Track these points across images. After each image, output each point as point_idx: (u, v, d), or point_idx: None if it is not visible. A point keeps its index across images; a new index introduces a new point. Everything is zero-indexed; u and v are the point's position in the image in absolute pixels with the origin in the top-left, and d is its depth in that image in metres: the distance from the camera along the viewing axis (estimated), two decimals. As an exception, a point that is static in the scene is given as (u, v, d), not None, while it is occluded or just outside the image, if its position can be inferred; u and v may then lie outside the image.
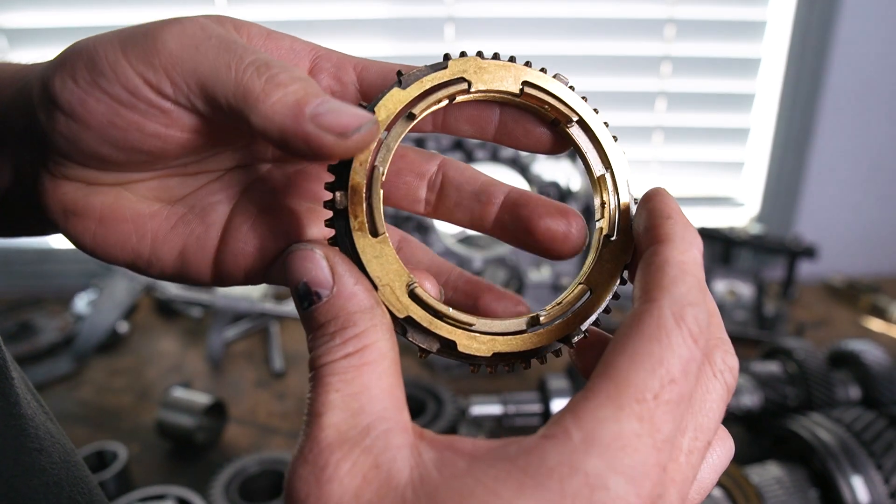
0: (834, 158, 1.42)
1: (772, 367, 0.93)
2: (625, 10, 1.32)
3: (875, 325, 1.29)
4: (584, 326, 0.33)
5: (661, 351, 0.25)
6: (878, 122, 1.40)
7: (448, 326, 0.31)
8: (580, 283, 0.34)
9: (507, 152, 1.05)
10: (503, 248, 1.09)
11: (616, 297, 0.34)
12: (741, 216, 1.50)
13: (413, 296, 0.31)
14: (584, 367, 0.33)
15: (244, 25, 0.33)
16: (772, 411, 0.90)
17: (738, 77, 1.40)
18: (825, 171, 1.43)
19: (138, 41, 0.29)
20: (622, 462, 0.23)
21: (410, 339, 0.31)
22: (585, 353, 0.33)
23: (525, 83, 0.33)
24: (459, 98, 0.33)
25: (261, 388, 1.10)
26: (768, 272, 1.46)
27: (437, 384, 0.99)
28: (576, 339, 0.33)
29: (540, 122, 0.34)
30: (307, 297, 0.28)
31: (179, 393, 0.98)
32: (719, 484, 0.74)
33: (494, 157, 1.05)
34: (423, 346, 0.31)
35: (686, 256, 0.28)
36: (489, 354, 0.31)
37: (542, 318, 0.32)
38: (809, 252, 1.34)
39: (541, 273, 1.10)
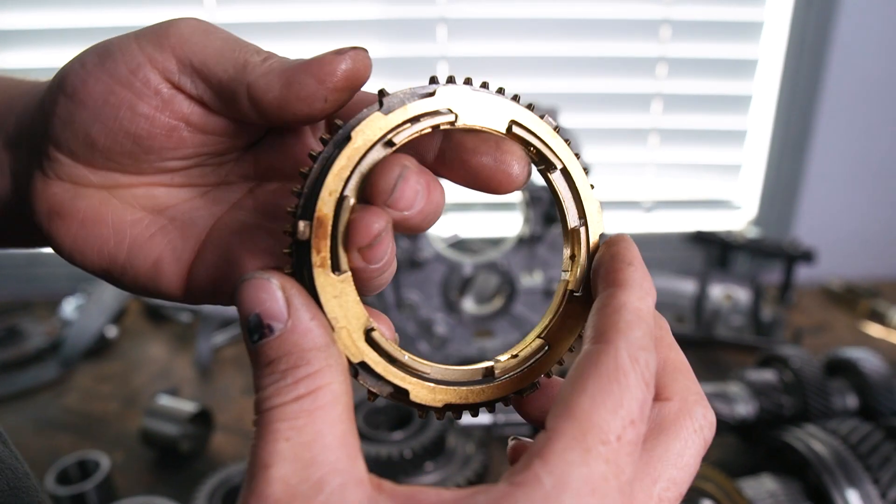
0: (832, 161, 1.41)
1: (767, 376, 0.91)
2: (620, 11, 1.31)
3: (874, 330, 1.28)
4: (537, 380, 0.33)
5: (620, 392, 0.25)
6: (877, 124, 1.39)
7: (402, 374, 0.30)
8: (538, 337, 0.33)
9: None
10: (494, 254, 1.08)
11: (570, 349, 0.33)
12: (738, 219, 1.49)
13: (370, 340, 0.29)
14: (530, 410, 0.33)
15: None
16: (767, 420, 0.88)
17: (735, 79, 1.38)
18: (823, 173, 1.42)
19: (152, 30, 0.31)
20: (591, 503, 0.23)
21: (362, 382, 0.30)
22: (532, 398, 0.33)
23: (512, 122, 0.31)
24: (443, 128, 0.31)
25: (249, 394, 1.09)
26: (766, 276, 1.45)
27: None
28: (527, 393, 0.33)
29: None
30: (258, 330, 0.26)
31: (165, 400, 0.96)
32: (713, 498, 0.73)
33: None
34: (374, 391, 0.30)
35: (642, 304, 0.28)
36: (440, 406, 0.31)
37: (496, 372, 0.32)
38: (807, 256, 1.32)
39: (533, 279, 1.09)
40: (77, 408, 1.07)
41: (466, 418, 0.87)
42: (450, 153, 0.31)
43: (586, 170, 0.33)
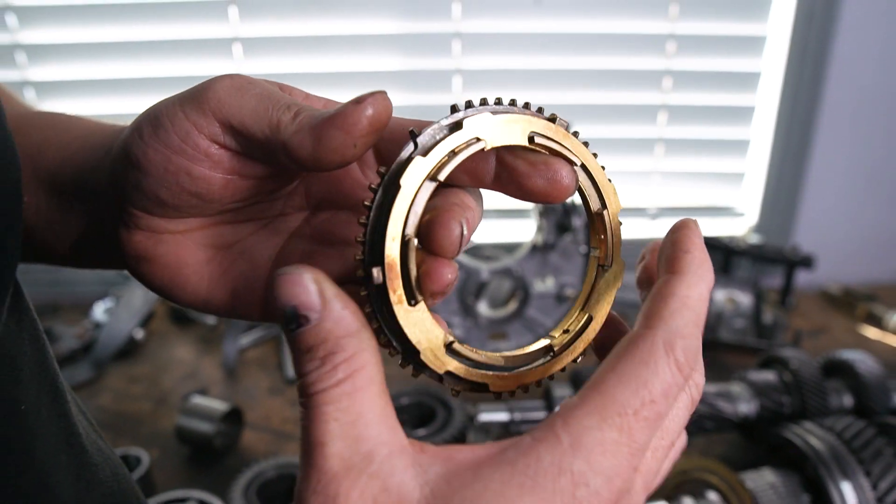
0: (831, 170, 1.46)
1: (768, 377, 0.96)
2: (627, 26, 1.36)
3: (871, 332, 1.33)
4: (587, 348, 0.37)
5: (647, 374, 0.28)
6: (875, 134, 1.44)
7: (480, 371, 0.34)
8: (581, 311, 0.38)
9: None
10: (508, 260, 1.13)
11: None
12: (741, 226, 1.54)
13: (451, 351, 0.33)
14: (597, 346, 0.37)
15: (286, 87, 0.37)
16: (767, 419, 0.93)
17: (738, 91, 1.43)
18: (823, 182, 1.47)
19: (193, 96, 0.35)
20: (602, 465, 0.26)
21: (447, 384, 0.34)
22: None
23: (532, 133, 0.34)
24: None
25: (274, 394, 1.14)
26: (767, 281, 1.49)
27: (446, 392, 1.03)
28: (580, 359, 0.37)
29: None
30: (294, 321, 0.28)
31: (198, 400, 1.01)
32: (718, 489, 0.78)
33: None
34: (458, 389, 0.34)
35: (692, 291, 0.31)
36: (514, 388, 0.35)
37: (555, 349, 0.36)
38: (807, 261, 1.37)
39: (545, 284, 1.14)
40: (111, 407, 1.12)
41: (486, 416, 0.92)
42: (505, 177, 0.35)
43: (603, 167, 0.38)
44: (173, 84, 1.38)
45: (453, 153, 0.32)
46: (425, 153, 0.31)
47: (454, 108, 0.33)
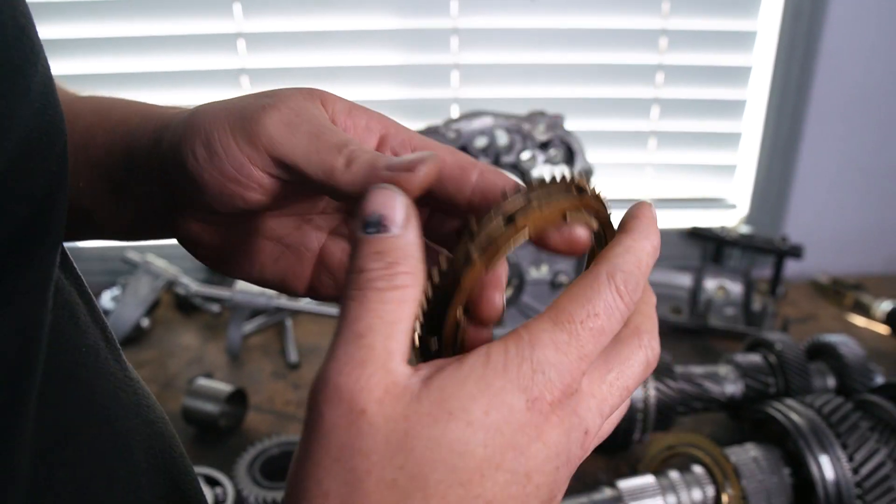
0: (820, 162, 1.49)
1: (754, 359, 1.00)
2: (621, 22, 1.39)
3: (858, 321, 1.36)
4: None
5: (590, 293, 0.33)
6: (863, 128, 1.47)
7: None
8: None
9: (508, 158, 1.13)
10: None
11: None
12: (732, 217, 1.57)
13: None
14: None
15: (329, 101, 0.40)
16: (753, 399, 0.97)
17: (729, 85, 1.47)
18: (812, 174, 1.50)
19: (245, 126, 0.37)
20: (554, 358, 0.31)
21: None
22: None
23: (566, 212, 0.35)
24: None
25: (277, 378, 1.18)
26: (757, 271, 1.52)
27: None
28: None
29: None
30: (376, 225, 0.31)
31: (203, 382, 1.05)
32: (702, 463, 0.81)
33: (496, 163, 1.13)
34: None
35: (636, 244, 0.35)
36: None
37: None
38: (796, 252, 1.40)
39: (540, 271, 1.17)
40: (119, 390, 1.15)
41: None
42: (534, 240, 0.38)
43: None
44: (177, 79, 1.42)
45: (506, 245, 0.34)
46: (483, 251, 0.33)
47: (504, 195, 0.34)
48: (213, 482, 0.89)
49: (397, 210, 0.32)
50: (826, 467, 0.76)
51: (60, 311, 0.35)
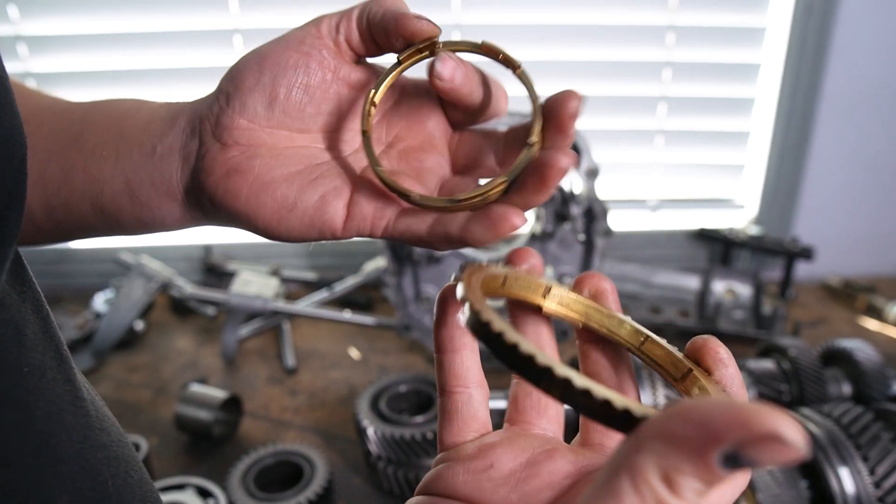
0: (831, 162, 1.46)
1: (767, 365, 0.97)
2: (627, 18, 1.36)
3: (871, 324, 1.33)
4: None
5: None
6: (874, 126, 1.43)
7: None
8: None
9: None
10: (507, 249, 1.13)
11: None
12: (740, 218, 1.54)
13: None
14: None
15: None
16: (766, 407, 0.93)
17: (737, 82, 1.43)
18: (822, 174, 1.47)
19: (332, 17, 0.45)
20: None
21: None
22: None
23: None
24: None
25: (273, 383, 1.14)
26: (767, 273, 1.49)
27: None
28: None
29: None
30: (733, 464, 0.21)
31: (197, 388, 1.02)
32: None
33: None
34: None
35: None
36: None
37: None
38: (807, 253, 1.37)
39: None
40: (111, 396, 1.12)
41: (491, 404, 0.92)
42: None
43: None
44: (175, 75, 1.39)
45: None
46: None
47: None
48: (205, 493, 0.86)
49: (786, 454, 0.20)
50: (846, 481, 0.73)
51: (3, 329, 0.33)
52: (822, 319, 1.34)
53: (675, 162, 1.49)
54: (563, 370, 0.25)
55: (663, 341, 0.36)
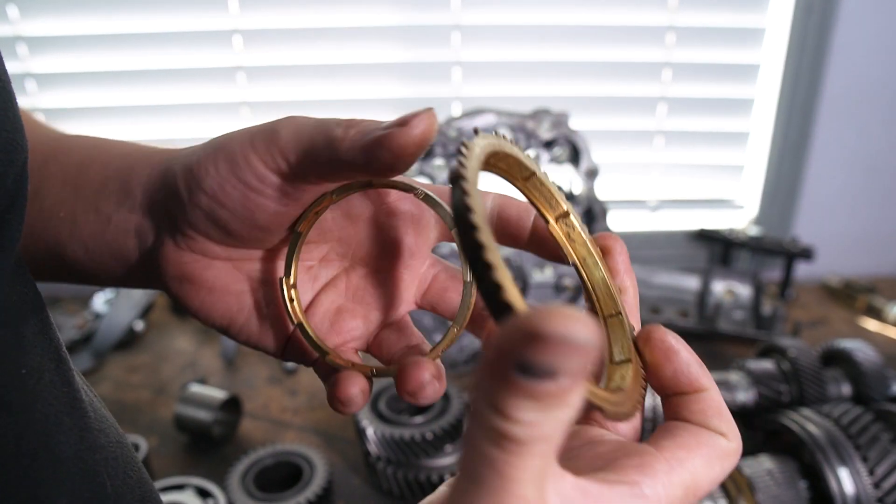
0: (831, 162, 1.46)
1: (766, 365, 0.97)
2: (627, 18, 1.36)
3: (871, 324, 1.33)
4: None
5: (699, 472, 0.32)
6: (874, 127, 1.43)
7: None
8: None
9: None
10: (506, 251, 1.13)
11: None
12: (740, 218, 1.54)
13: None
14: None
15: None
16: (765, 407, 0.93)
17: (737, 83, 1.43)
18: (822, 174, 1.46)
19: (263, 137, 0.37)
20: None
21: None
22: None
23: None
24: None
25: (273, 384, 1.14)
26: (766, 273, 1.49)
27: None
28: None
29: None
30: (538, 375, 0.21)
31: (196, 388, 1.02)
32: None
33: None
34: None
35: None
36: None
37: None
38: (807, 253, 1.37)
39: (543, 274, 1.14)
40: (111, 396, 1.12)
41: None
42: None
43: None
44: (174, 76, 1.39)
45: None
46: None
47: None
48: (204, 493, 0.86)
49: (578, 362, 0.21)
50: (845, 481, 0.73)
51: (1, 330, 0.33)
52: (822, 320, 1.34)
53: (675, 162, 1.49)
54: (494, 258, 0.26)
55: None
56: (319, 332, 0.42)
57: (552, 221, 0.38)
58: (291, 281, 0.40)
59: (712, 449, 0.32)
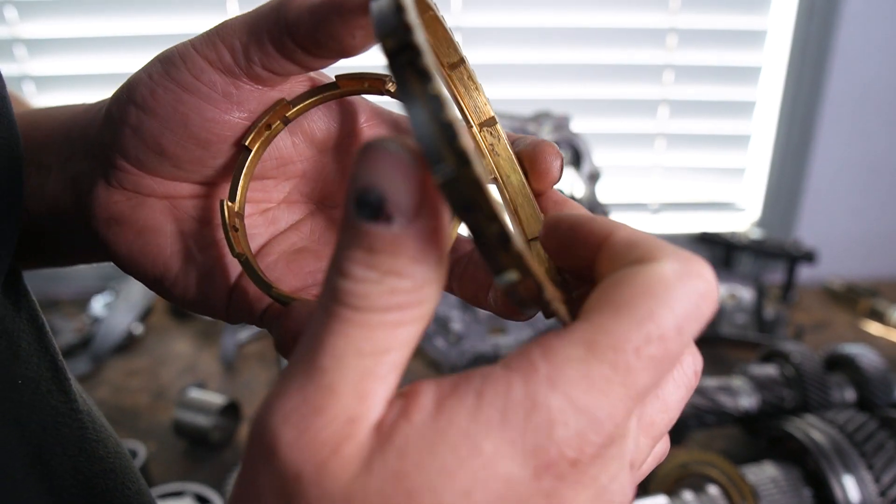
0: (833, 164, 1.45)
1: (769, 370, 0.96)
2: (628, 20, 1.35)
3: (873, 328, 1.32)
4: None
5: (654, 305, 0.21)
6: (877, 129, 1.43)
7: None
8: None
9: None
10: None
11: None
12: (742, 221, 1.53)
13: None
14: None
15: None
16: (769, 413, 0.92)
17: (739, 85, 1.43)
18: (825, 176, 1.46)
19: (206, 34, 0.32)
20: (587, 403, 0.21)
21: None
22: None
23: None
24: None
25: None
26: (768, 276, 1.49)
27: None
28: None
29: None
30: (371, 207, 0.20)
31: (195, 393, 1.01)
32: (718, 483, 0.77)
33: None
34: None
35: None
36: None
37: None
38: (809, 256, 1.36)
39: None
40: (109, 400, 1.11)
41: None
42: None
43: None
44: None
45: None
46: None
47: None
48: (202, 500, 0.85)
49: (405, 186, 0.20)
50: (850, 489, 0.72)
51: None
52: (825, 323, 1.34)
53: (677, 165, 1.49)
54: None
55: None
56: (271, 275, 0.35)
57: (475, 127, 0.33)
58: (236, 207, 0.33)
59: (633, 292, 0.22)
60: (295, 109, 0.33)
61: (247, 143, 0.33)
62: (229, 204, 0.33)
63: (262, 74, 0.31)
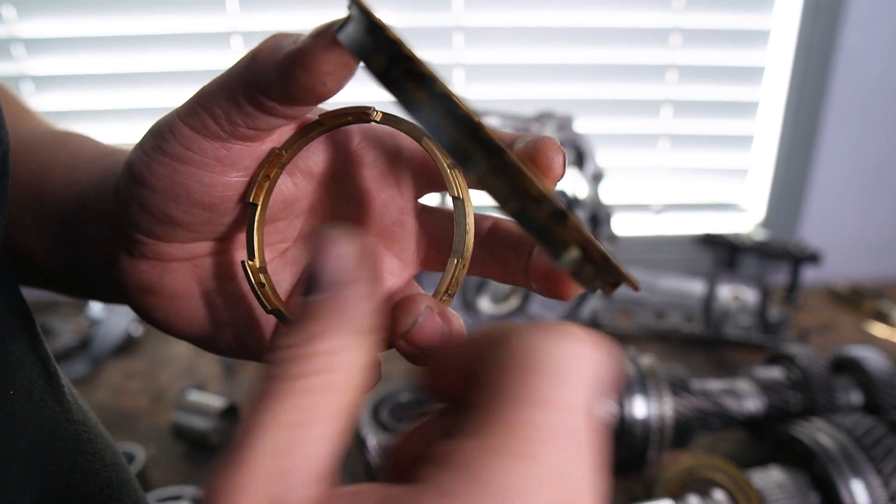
0: (838, 165, 1.44)
1: (775, 373, 0.95)
2: (631, 19, 1.34)
3: (878, 329, 1.31)
4: None
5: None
6: (882, 129, 1.42)
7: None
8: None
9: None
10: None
11: None
12: (746, 222, 1.52)
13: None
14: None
15: None
16: (774, 416, 0.91)
17: (742, 85, 1.42)
18: (829, 177, 1.45)
19: (187, 103, 0.32)
20: None
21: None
22: None
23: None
24: None
25: (273, 390, 1.12)
26: (772, 277, 1.48)
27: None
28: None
29: None
30: (303, 287, 0.24)
31: (195, 396, 1.00)
32: (725, 488, 0.76)
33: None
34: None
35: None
36: None
37: None
38: (813, 258, 1.35)
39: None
40: (108, 403, 1.10)
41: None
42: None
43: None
44: (172, 78, 1.37)
45: None
46: None
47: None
48: (202, 504, 0.84)
49: (330, 260, 0.23)
50: (859, 494, 0.71)
51: None
52: (829, 325, 1.33)
53: (680, 165, 1.48)
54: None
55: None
56: None
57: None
58: (257, 263, 0.34)
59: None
60: (287, 155, 0.33)
61: (251, 200, 0.33)
62: (250, 263, 0.34)
63: (249, 134, 0.32)
